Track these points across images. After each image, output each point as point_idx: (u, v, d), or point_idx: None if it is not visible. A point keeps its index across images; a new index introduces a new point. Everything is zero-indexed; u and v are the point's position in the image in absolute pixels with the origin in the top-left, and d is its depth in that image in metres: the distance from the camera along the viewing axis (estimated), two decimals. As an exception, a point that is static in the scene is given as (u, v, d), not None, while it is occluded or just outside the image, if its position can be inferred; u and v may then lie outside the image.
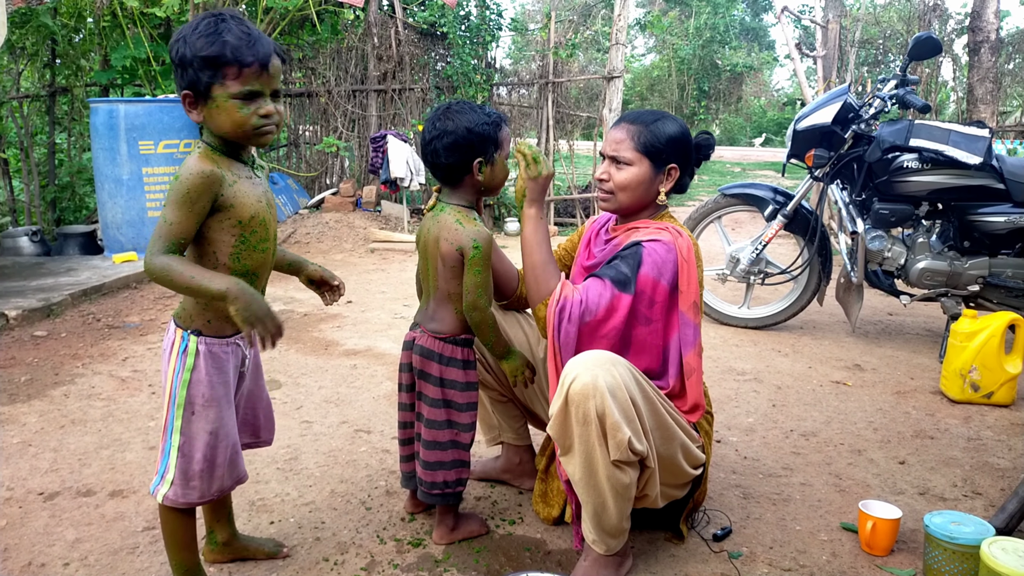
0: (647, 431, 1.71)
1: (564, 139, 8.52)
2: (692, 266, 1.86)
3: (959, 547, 1.80)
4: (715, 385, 3.31)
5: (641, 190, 1.94)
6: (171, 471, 1.62)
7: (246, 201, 1.57)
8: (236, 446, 1.69)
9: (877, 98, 3.82)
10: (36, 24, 6.22)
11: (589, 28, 11.53)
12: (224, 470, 1.65)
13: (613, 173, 1.95)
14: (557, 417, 1.69)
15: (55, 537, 2.01)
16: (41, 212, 6.95)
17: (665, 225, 1.92)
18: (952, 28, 8.85)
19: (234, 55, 1.47)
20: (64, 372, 3.34)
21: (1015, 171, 3.60)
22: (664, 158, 1.94)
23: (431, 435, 1.92)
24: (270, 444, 1.91)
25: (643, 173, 1.93)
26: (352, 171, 8.37)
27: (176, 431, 1.60)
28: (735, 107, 24.94)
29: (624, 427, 1.63)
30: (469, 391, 1.93)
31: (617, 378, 1.65)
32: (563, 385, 1.67)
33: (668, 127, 1.95)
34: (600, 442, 1.65)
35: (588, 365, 1.66)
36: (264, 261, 1.65)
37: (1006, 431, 2.88)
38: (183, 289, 1.46)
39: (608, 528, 1.76)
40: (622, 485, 1.69)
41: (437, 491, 1.94)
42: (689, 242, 1.88)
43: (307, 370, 3.44)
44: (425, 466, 1.93)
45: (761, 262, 4.26)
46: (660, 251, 1.83)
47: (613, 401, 1.62)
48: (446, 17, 7.48)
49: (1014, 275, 3.68)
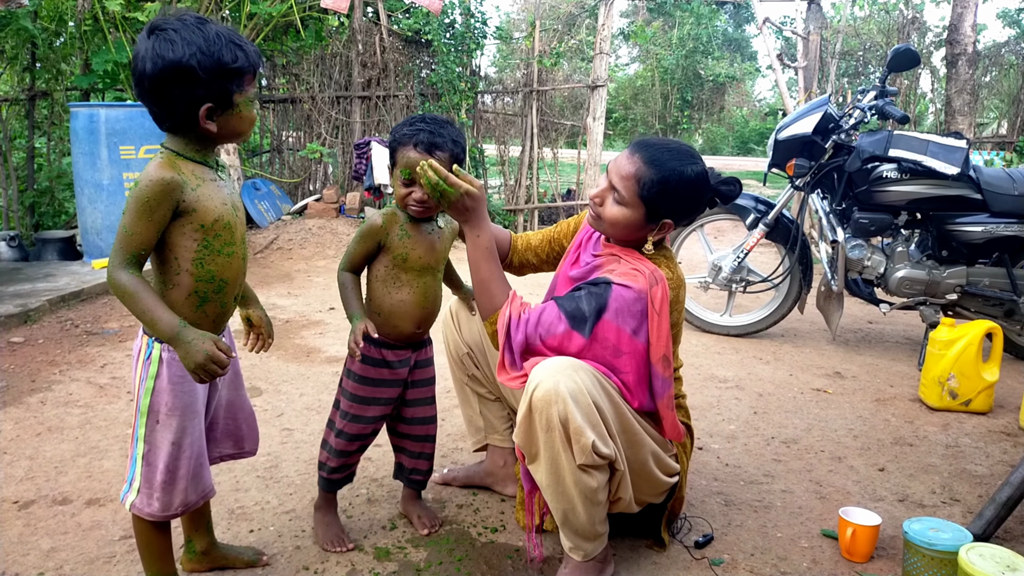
0: (613, 435, 1.71)
1: (548, 147, 8.55)
2: (664, 318, 1.74)
3: (938, 553, 1.82)
4: (697, 392, 3.33)
5: (627, 232, 1.83)
6: (137, 479, 1.59)
7: (209, 205, 1.53)
8: (202, 458, 1.64)
9: (857, 109, 3.86)
10: (16, 27, 6.15)
11: (573, 37, 11.58)
12: (187, 483, 1.61)
13: (607, 202, 1.82)
14: (522, 425, 1.69)
15: (30, 546, 1.98)
16: (19, 217, 6.86)
17: (642, 268, 1.77)
18: (930, 41, 8.98)
19: (251, 62, 1.49)
20: (41, 379, 3.29)
21: (992, 182, 3.66)
22: (662, 212, 1.80)
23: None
24: (254, 454, 1.89)
25: (635, 218, 1.79)
26: (336, 177, 8.33)
27: (141, 439, 1.58)
28: (718, 117, 25.11)
29: (587, 431, 1.63)
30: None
31: (579, 383, 1.65)
32: (527, 393, 1.67)
33: (682, 181, 1.77)
34: (564, 447, 1.65)
35: (550, 371, 1.66)
36: (230, 265, 1.60)
37: (984, 438, 2.91)
38: (137, 315, 1.46)
39: (581, 532, 1.76)
40: (589, 489, 1.69)
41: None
42: (664, 291, 1.75)
43: (288, 377, 3.41)
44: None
45: (743, 270, 4.29)
46: (628, 298, 1.72)
47: (575, 406, 1.63)
48: (431, 24, 7.49)
49: (991, 284, 3.73)
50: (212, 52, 1.43)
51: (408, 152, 1.83)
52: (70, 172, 6.51)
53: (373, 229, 1.91)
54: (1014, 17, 12.57)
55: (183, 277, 1.54)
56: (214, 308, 1.61)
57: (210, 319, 1.61)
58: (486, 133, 8.25)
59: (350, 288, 1.93)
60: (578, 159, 8.50)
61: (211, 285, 1.57)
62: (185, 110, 1.47)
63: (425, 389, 2.08)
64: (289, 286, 5.47)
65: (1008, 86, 8.82)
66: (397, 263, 1.92)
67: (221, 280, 1.59)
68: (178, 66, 1.42)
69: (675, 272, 1.85)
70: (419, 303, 1.95)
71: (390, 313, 1.94)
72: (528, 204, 8.12)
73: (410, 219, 1.91)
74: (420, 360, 2.05)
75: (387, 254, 1.92)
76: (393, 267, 1.92)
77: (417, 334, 2.00)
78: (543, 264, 2.24)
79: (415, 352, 2.03)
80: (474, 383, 2.28)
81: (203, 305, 1.58)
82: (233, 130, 1.53)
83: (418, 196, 1.85)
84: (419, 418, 2.08)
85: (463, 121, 7.63)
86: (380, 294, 1.94)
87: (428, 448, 2.12)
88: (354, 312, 1.90)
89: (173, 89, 1.44)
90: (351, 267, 1.95)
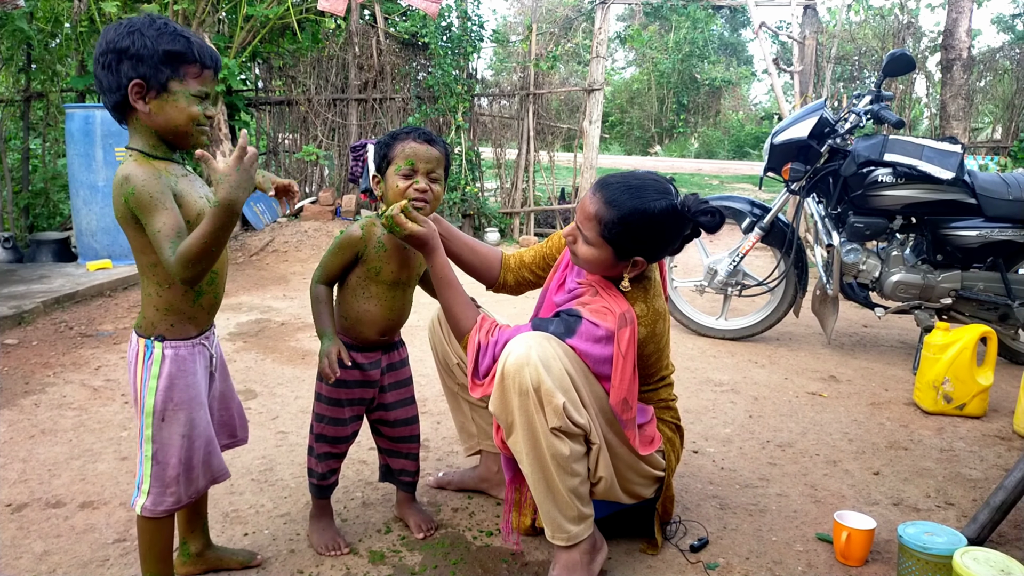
0: (588, 406, 1.73)
1: (545, 150, 8.57)
2: (628, 360, 1.74)
3: (932, 557, 1.82)
4: (692, 396, 3.33)
5: (602, 269, 1.84)
6: (146, 481, 1.60)
7: (190, 199, 1.56)
8: (211, 444, 1.67)
9: (852, 113, 3.87)
10: (11, 29, 6.14)
11: (570, 41, 11.58)
12: (199, 471, 1.64)
13: (578, 241, 1.83)
14: (496, 392, 1.71)
15: (22, 549, 1.97)
16: (14, 218, 6.84)
17: (613, 308, 1.76)
18: (925, 46, 9.01)
19: (199, 55, 1.52)
20: (35, 381, 3.28)
21: (986, 186, 3.67)
22: (629, 250, 1.78)
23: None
24: (246, 442, 1.92)
25: (604, 258, 1.80)
26: (332, 180, 8.33)
27: (148, 440, 1.59)
28: (713, 121, 25.18)
29: (558, 394, 1.65)
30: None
31: (549, 351, 1.69)
32: (500, 363, 1.70)
33: (645, 219, 1.73)
34: (538, 410, 1.67)
35: (522, 341, 1.70)
36: (220, 257, 1.60)
37: (978, 442, 2.92)
38: (210, 237, 1.40)
39: (561, 508, 1.74)
40: (562, 456, 1.69)
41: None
42: (633, 333, 1.74)
43: (283, 380, 3.41)
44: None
45: (738, 274, 4.30)
46: (595, 335, 1.73)
47: (546, 371, 1.66)
48: (427, 27, 7.49)
49: (986, 288, 3.74)
50: (150, 35, 1.48)
51: (409, 143, 1.85)
52: (65, 174, 6.50)
53: (352, 240, 1.89)
54: (1008, 22, 12.63)
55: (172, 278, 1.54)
56: (209, 300, 1.65)
57: (206, 311, 1.65)
58: (482, 136, 8.25)
59: (324, 303, 1.91)
60: (574, 162, 8.51)
61: (205, 279, 1.58)
62: (118, 84, 1.49)
63: (402, 391, 2.07)
64: (284, 288, 5.46)
65: (1003, 91, 8.85)
66: (370, 275, 1.90)
67: (213, 272, 1.62)
68: (112, 45, 1.49)
69: (652, 306, 1.84)
70: (385, 315, 1.94)
71: (356, 320, 1.94)
72: (524, 207, 8.12)
73: (390, 231, 1.88)
74: (394, 362, 2.04)
75: (362, 265, 1.90)
76: (365, 278, 1.91)
77: (382, 340, 1.99)
78: (540, 280, 2.23)
79: (386, 354, 2.02)
80: (465, 391, 2.27)
81: (199, 299, 1.62)
82: (169, 119, 1.52)
83: (421, 186, 1.84)
84: (401, 420, 2.07)
85: (459, 124, 7.64)
86: (348, 300, 1.93)
87: (413, 448, 2.11)
88: (325, 330, 1.88)
89: (110, 67, 1.49)
90: (326, 279, 1.93)
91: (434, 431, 2.86)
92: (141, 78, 1.48)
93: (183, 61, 1.50)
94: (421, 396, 3.12)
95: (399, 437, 2.08)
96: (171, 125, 1.53)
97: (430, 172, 1.86)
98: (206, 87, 1.55)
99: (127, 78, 1.48)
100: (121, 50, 1.48)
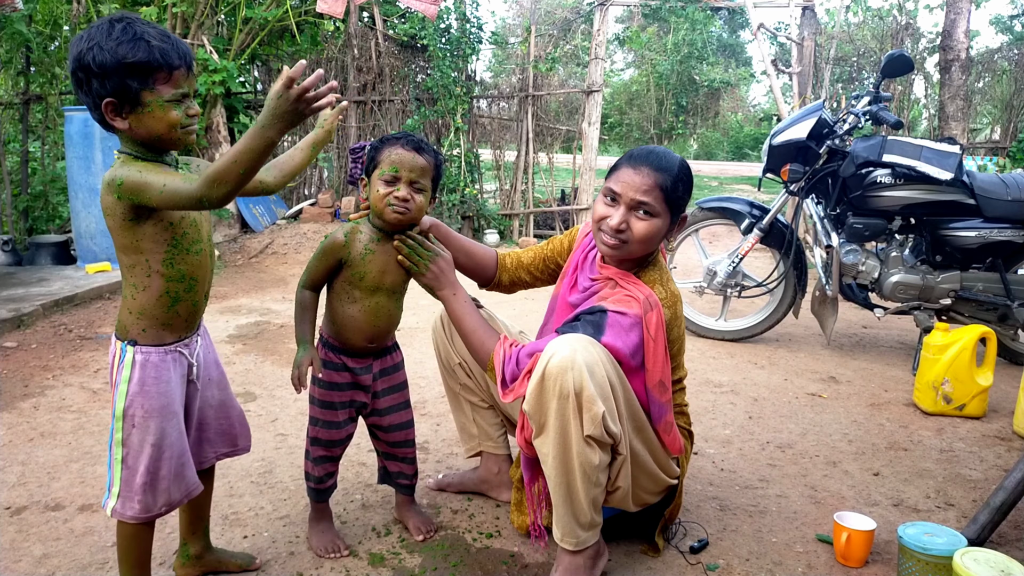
0: (622, 417, 1.71)
1: (544, 152, 8.57)
2: (659, 343, 1.76)
3: (932, 558, 1.82)
4: (692, 397, 3.33)
5: (657, 240, 1.84)
6: (116, 484, 1.58)
7: None
8: (183, 457, 1.62)
9: (851, 114, 3.88)
10: (10, 31, 6.14)
11: (569, 43, 11.58)
12: (169, 483, 1.59)
13: (634, 222, 1.79)
14: (533, 392, 1.67)
15: (22, 552, 1.96)
16: (13, 221, 6.83)
17: (636, 294, 1.79)
18: (924, 47, 9.02)
19: (164, 59, 1.44)
20: (34, 384, 3.28)
21: (985, 187, 3.67)
22: (681, 207, 1.85)
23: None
24: (248, 451, 1.89)
25: (663, 225, 1.82)
26: (331, 182, 8.33)
27: (118, 444, 1.56)
28: (712, 122, 25.21)
29: (599, 402, 1.63)
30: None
31: (595, 356, 1.66)
32: (541, 363, 1.66)
33: (685, 170, 1.84)
34: (575, 416, 1.64)
35: (568, 343, 1.66)
36: (200, 263, 1.60)
37: (978, 443, 2.92)
38: (241, 156, 1.36)
39: (576, 514, 1.73)
40: (591, 465, 1.68)
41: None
42: (659, 316, 1.76)
43: (283, 382, 3.40)
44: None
45: (738, 275, 4.30)
46: (624, 325, 1.74)
47: (590, 377, 1.63)
48: (426, 29, 7.49)
49: (985, 289, 3.74)
50: (108, 47, 1.41)
51: (396, 149, 1.82)
52: (64, 176, 6.50)
53: (335, 246, 1.87)
54: (1007, 23, 12.65)
55: (154, 279, 1.53)
56: (186, 307, 1.60)
57: (183, 318, 1.61)
58: (482, 138, 8.26)
59: (306, 310, 1.90)
60: (573, 164, 8.51)
61: (182, 284, 1.57)
62: (95, 105, 1.46)
63: (396, 395, 2.06)
64: (284, 291, 5.46)
65: (1001, 92, 8.87)
66: (352, 280, 1.89)
67: (191, 279, 1.59)
68: (79, 63, 1.43)
69: (669, 289, 1.86)
70: (369, 321, 1.92)
71: (342, 325, 1.93)
72: (524, 208, 8.13)
73: (378, 237, 1.86)
74: (387, 367, 2.03)
75: (346, 270, 1.89)
76: (348, 283, 1.89)
77: (370, 347, 1.97)
78: (536, 281, 2.23)
79: (378, 359, 2.00)
80: (467, 392, 2.27)
81: (175, 305, 1.58)
82: (149, 130, 1.47)
83: (401, 194, 1.81)
84: (396, 424, 2.06)
85: (459, 126, 7.64)
86: (334, 306, 1.93)
87: (409, 453, 2.11)
88: (303, 339, 1.87)
89: (82, 85, 1.46)
90: (311, 284, 1.91)
91: (434, 433, 2.85)
92: (112, 96, 1.43)
93: (148, 70, 1.43)
94: (421, 398, 3.12)
95: (394, 442, 2.08)
96: (153, 135, 1.48)
97: (413, 181, 1.83)
98: (181, 87, 1.47)
99: (98, 96, 1.44)
100: (86, 67, 1.42)
